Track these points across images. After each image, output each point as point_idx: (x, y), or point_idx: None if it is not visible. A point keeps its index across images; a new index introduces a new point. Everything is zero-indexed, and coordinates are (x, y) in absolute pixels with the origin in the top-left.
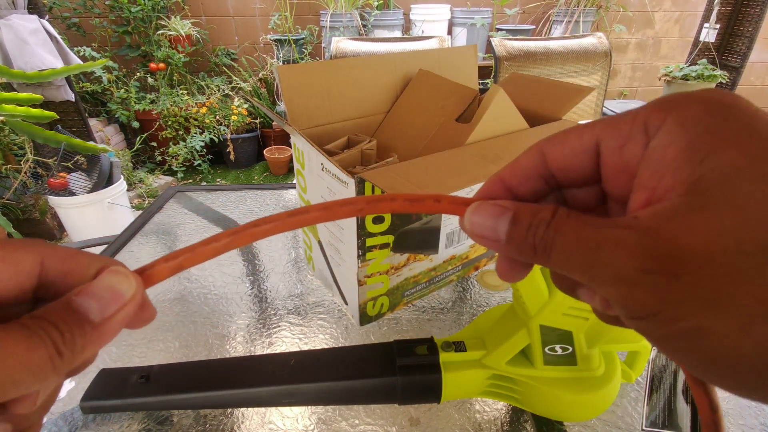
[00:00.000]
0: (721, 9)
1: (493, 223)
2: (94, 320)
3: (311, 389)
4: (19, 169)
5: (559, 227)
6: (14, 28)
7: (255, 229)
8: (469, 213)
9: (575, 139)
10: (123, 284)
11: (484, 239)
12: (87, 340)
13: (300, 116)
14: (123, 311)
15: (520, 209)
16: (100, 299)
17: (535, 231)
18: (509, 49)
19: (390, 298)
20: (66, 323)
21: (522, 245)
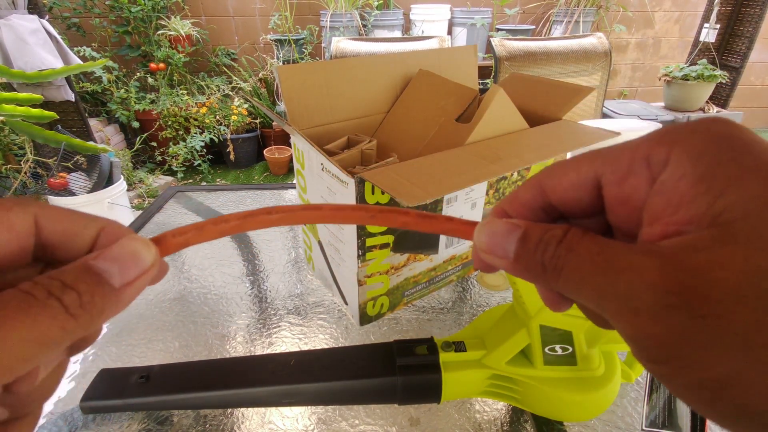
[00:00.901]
0: (721, 9)
1: (502, 240)
2: (114, 285)
3: (311, 389)
4: (19, 169)
5: (572, 245)
6: (14, 28)
7: (265, 216)
8: (478, 230)
9: (573, 173)
10: (144, 251)
11: (493, 256)
12: (106, 303)
13: (300, 116)
14: (143, 278)
15: (531, 226)
16: (121, 264)
17: (545, 247)
18: (509, 49)
19: (390, 298)
20: (85, 284)
21: (530, 263)
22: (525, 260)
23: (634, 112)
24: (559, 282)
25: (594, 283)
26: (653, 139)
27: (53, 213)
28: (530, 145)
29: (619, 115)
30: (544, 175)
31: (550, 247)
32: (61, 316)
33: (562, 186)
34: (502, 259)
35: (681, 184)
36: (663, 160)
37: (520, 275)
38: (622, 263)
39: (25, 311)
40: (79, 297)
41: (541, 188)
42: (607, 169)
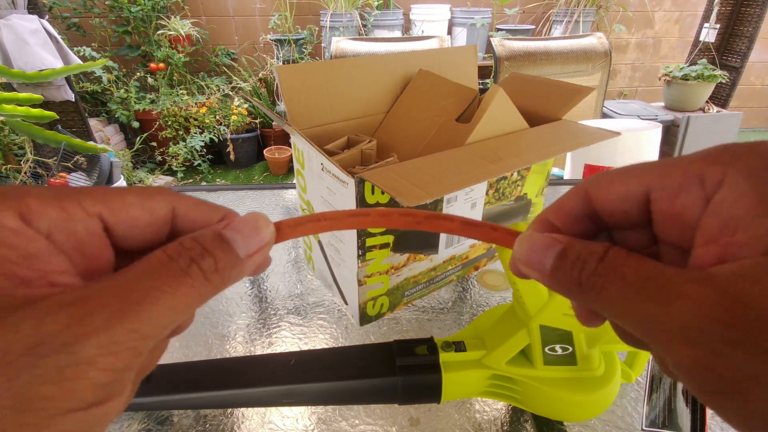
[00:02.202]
0: (721, 9)
1: (540, 253)
2: (240, 254)
3: (311, 389)
4: (19, 169)
5: (615, 265)
6: (14, 28)
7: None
8: (519, 241)
9: (621, 186)
10: (264, 227)
11: (530, 268)
12: (232, 271)
13: (300, 116)
14: (261, 252)
15: (571, 243)
16: (245, 236)
17: (582, 265)
18: (509, 49)
19: (390, 298)
20: (220, 251)
21: (566, 279)
22: (561, 275)
23: (634, 112)
24: (597, 302)
25: (641, 310)
26: (708, 157)
27: (188, 202)
28: (530, 145)
29: (619, 115)
30: (590, 185)
31: (589, 265)
32: (199, 282)
33: (609, 198)
34: (538, 272)
35: (738, 205)
36: (718, 180)
37: (556, 289)
38: (675, 291)
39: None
40: (215, 263)
41: (588, 198)
42: (657, 184)
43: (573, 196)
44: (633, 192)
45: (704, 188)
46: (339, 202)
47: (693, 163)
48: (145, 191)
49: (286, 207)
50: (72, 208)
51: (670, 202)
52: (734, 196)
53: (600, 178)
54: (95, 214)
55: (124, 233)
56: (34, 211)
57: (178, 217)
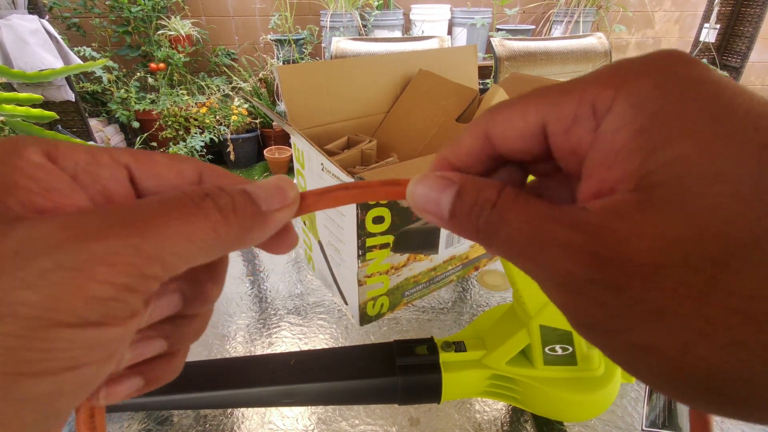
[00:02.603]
0: (721, 9)
1: (436, 196)
2: (262, 207)
3: (311, 389)
4: None
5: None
6: (14, 28)
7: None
8: (411, 184)
9: (519, 120)
10: (288, 188)
11: (426, 213)
12: (255, 222)
13: (300, 116)
14: (284, 211)
15: (465, 183)
16: (267, 192)
17: (479, 212)
18: (509, 49)
19: (390, 298)
20: (240, 196)
21: (466, 224)
22: (460, 220)
23: None
24: (492, 248)
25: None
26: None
27: (216, 171)
28: None
29: None
30: (487, 120)
31: (484, 212)
32: (214, 216)
33: (509, 136)
34: (437, 217)
35: (618, 137)
36: (607, 106)
37: (456, 232)
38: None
39: (179, 209)
40: (232, 201)
41: (486, 136)
42: (552, 116)
43: (472, 135)
44: (531, 127)
45: (596, 117)
46: None
47: (588, 88)
48: (175, 156)
49: None
50: (100, 155)
51: (565, 135)
52: (616, 126)
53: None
54: (122, 163)
55: (151, 188)
56: (62, 152)
57: (205, 183)
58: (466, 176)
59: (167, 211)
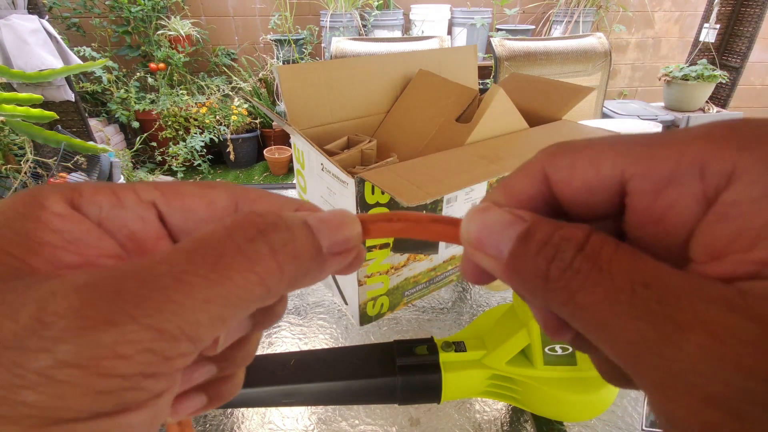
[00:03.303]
0: (721, 9)
1: (496, 233)
2: (323, 247)
3: (311, 389)
4: (19, 169)
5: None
6: (14, 28)
7: None
8: (468, 218)
9: (590, 169)
10: (353, 227)
11: (480, 253)
12: (312, 265)
13: (300, 116)
14: (346, 254)
15: (540, 222)
16: (331, 230)
17: (554, 252)
18: (509, 49)
19: (390, 298)
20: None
21: (529, 269)
22: (523, 265)
23: (634, 112)
24: (567, 307)
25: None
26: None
27: (251, 195)
28: (530, 145)
29: (619, 115)
30: (549, 163)
31: (563, 254)
32: (267, 265)
33: (572, 186)
34: (492, 258)
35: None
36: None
37: (514, 285)
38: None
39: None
40: (293, 240)
41: (545, 179)
42: (638, 171)
43: (526, 176)
44: (605, 179)
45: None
46: (339, 202)
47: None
48: (205, 183)
49: None
50: (124, 195)
51: (653, 197)
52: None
53: (563, 153)
54: (149, 200)
55: (181, 224)
56: (86, 198)
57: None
58: (538, 216)
59: (195, 269)
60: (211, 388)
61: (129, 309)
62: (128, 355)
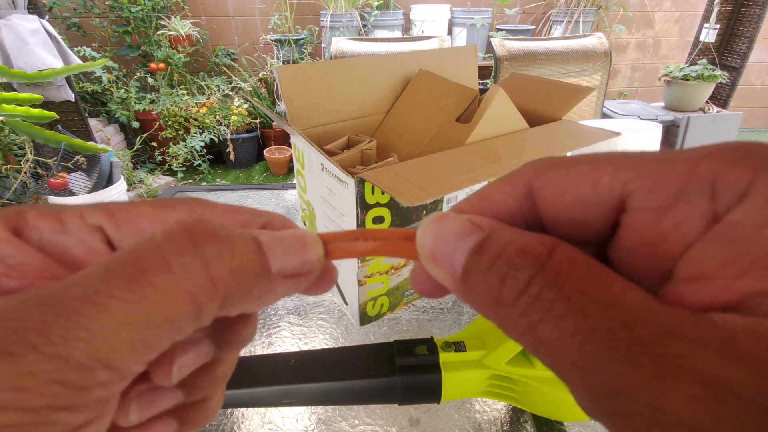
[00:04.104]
0: (721, 9)
1: (451, 245)
2: (271, 268)
3: (311, 389)
4: (19, 169)
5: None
6: (14, 28)
7: None
8: (424, 227)
9: (584, 183)
10: (312, 250)
11: (434, 266)
12: (254, 285)
13: (300, 116)
14: (299, 280)
15: (497, 231)
16: (286, 251)
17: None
18: (509, 49)
19: (390, 298)
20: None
21: (480, 288)
22: (474, 283)
23: (634, 112)
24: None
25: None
26: (724, 156)
27: (217, 210)
28: (530, 145)
29: (619, 115)
30: (537, 176)
31: (519, 273)
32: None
33: (564, 199)
34: (446, 273)
35: (764, 235)
36: (740, 190)
37: (468, 302)
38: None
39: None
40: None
41: (529, 194)
42: (643, 186)
43: (507, 188)
44: (602, 194)
45: (715, 200)
46: (339, 202)
47: (702, 161)
48: (162, 203)
49: (286, 207)
50: (68, 220)
51: (658, 214)
52: (760, 220)
53: (550, 168)
54: (94, 225)
55: None
56: (29, 223)
57: None
58: (500, 224)
59: (107, 288)
60: (182, 413)
61: (31, 338)
62: (28, 388)
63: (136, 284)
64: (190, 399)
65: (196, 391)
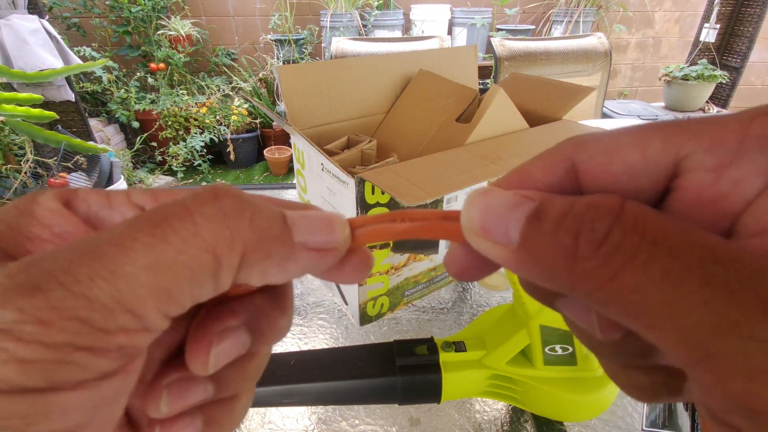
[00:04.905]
0: (721, 9)
1: (504, 216)
2: (294, 237)
3: (311, 389)
4: (19, 169)
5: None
6: (14, 28)
7: None
8: (468, 202)
9: (633, 151)
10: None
11: (484, 239)
12: (274, 247)
13: (300, 116)
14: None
15: (550, 198)
16: (310, 223)
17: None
18: (509, 49)
19: (390, 298)
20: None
21: (550, 248)
22: (538, 246)
23: (634, 112)
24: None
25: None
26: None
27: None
28: (530, 145)
29: (619, 115)
30: (577, 149)
31: (596, 225)
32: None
33: (611, 168)
34: (499, 245)
35: None
36: None
37: (527, 271)
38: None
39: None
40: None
41: (571, 168)
42: (700, 146)
43: (547, 163)
44: (652, 160)
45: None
46: (339, 202)
47: (753, 121)
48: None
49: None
50: (115, 197)
51: (717, 173)
52: None
53: (595, 140)
54: (138, 204)
55: None
56: (79, 196)
57: None
58: (548, 194)
59: (133, 233)
60: (209, 411)
61: (59, 276)
62: (51, 322)
63: (158, 229)
64: (220, 395)
65: (227, 387)
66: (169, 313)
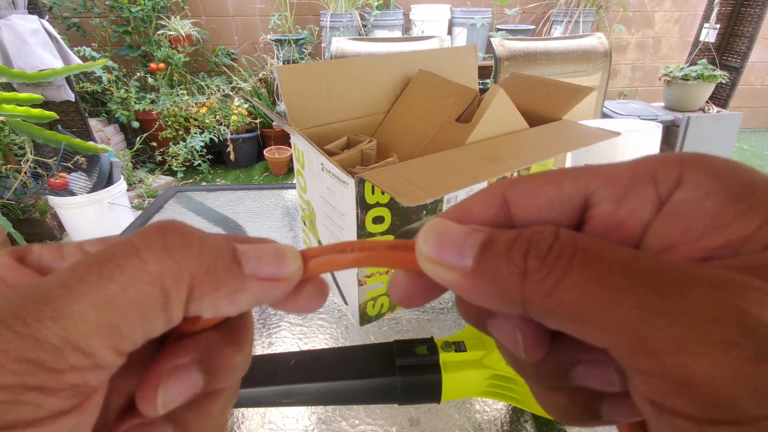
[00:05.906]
0: (721, 9)
1: (458, 242)
2: (244, 268)
3: (311, 389)
4: (19, 169)
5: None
6: (14, 28)
7: None
8: (424, 233)
9: (552, 188)
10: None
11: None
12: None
13: (300, 116)
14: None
15: (495, 230)
16: (261, 255)
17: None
18: (509, 49)
19: (390, 298)
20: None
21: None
22: (491, 268)
23: (634, 112)
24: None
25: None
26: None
27: None
28: (530, 145)
29: (619, 115)
30: (508, 188)
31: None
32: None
33: (535, 204)
34: (454, 270)
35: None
36: (674, 178)
37: (480, 295)
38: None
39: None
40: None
41: (504, 204)
42: (599, 184)
43: (484, 200)
44: (567, 196)
45: (657, 187)
46: (339, 202)
47: (641, 164)
48: None
49: (286, 207)
50: (68, 249)
51: (616, 205)
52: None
53: (522, 180)
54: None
55: None
56: (33, 252)
57: None
58: (495, 229)
59: (80, 273)
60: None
61: (7, 320)
62: (0, 365)
63: (104, 268)
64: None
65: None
66: (120, 348)
